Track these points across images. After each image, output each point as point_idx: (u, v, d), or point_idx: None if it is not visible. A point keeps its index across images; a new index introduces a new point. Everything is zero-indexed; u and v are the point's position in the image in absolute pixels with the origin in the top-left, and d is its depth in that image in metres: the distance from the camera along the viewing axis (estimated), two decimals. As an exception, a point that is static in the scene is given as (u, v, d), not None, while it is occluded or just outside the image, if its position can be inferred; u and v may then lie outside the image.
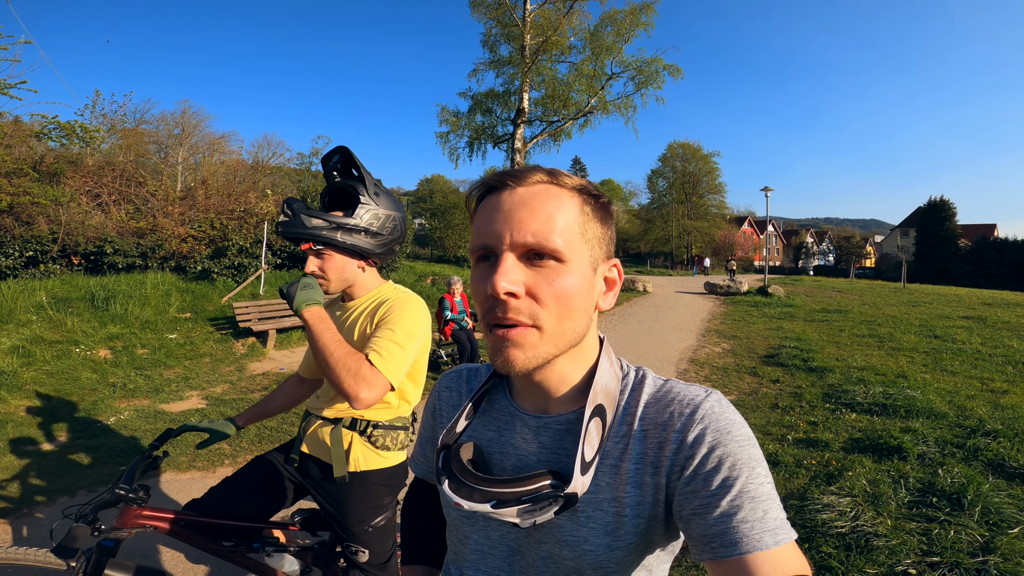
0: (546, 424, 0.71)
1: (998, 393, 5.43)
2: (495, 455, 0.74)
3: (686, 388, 0.68)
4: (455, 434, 0.75)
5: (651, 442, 0.65)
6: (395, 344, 1.44)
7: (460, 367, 0.90)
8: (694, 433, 0.62)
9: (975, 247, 45.05)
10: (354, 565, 1.71)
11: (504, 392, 0.78)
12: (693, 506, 0.60)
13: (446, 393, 0.88)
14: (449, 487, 0.66)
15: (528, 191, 0.63)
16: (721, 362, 7.40)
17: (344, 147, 1.52)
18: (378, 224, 1.55)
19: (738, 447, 0.60)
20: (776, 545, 0.55)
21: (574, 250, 0.63)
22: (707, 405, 0.64)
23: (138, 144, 15.81)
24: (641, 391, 0.70)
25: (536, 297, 0.61)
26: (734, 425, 0.62)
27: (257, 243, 10.23)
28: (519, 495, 0.63)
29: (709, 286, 18.44)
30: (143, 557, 2.58)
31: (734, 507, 0.57)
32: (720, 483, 0.58)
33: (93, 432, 4.36)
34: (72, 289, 8.00)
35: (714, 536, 0.57)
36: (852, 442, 4.05)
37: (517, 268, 0.61)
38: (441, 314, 7.00)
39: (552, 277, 0.61)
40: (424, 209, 29.50)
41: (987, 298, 17.04)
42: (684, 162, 50.14)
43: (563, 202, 0.63)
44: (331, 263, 1.54)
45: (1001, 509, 2.87)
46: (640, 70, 18.64)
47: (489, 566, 0.75)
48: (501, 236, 0.62)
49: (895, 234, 59.59)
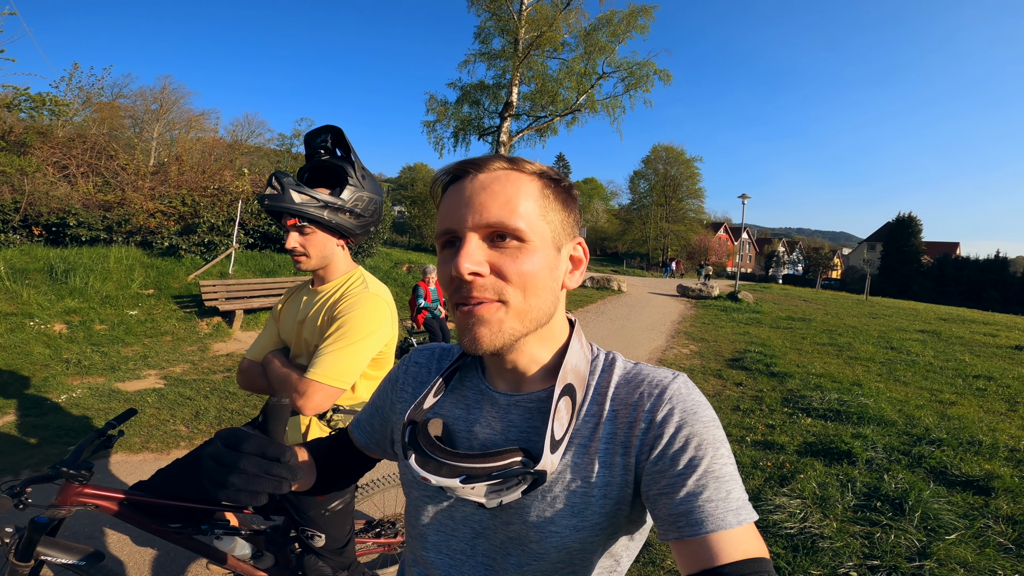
0: (516, 402, 0.71)
1: (946, 404, 5.66)
2: (462, 433, 0.74)
3: (655, 370, 0.70)
4: (423, 410, 0.74)
5: (621, 422, 0.66)
6: (339, 351, 1.45)
7: (433, 344, 0.89)
8: (662, 412, 0.63)
9: (937, 264, 46.65)
10: (309, 550, 1.70)
11: (476, 372, 0.78)
12: (660, 486, 0.60)
13: (415, 368, 0.87)
14: (416, 461, 0.66)
15: (488, 176, 0.64)
16: (688, 363, 7.53)
17: (335, 126, 1.51)
18: (362, 206, 1.56)
19: (704, 427, 0.62)
20: (739, 524, 0.57)
21: (535, 231, 0.64)
22: (675, 386, 0.66)
23: (113, 118, 15.34)
24: (612, 372, 0.71)
25: (501, 274, 0.62)
26: (700, 406, 0.64)
27: (229, 222, 9.99)
28: (489, 470, 0.63)
29: (681, 289, 18.74)
30: (87, 539, 2.51)
31: (699, 486, 0.58)
32: (687, 463, 0.59)
33: (42, 410, 4.21)
34: (31, 260, 7.69)
35: (679, 515, 0.58)
36: (806, 446, 4.17)
37: (480, 249, 0.62)
38: (414, 301, 6.96)
39: (516, 255, 0.62)
40: (405, 197, 29.19)
41: (944, 313, 17.73)
42: (667, 165, 50.69)
43: (523, 186, 0.64)
44: (313, 240, 1.53)
45: (940, 515, 2.99)
46: (631, 72, 18.72)
47: (452, 548, 0.74)
48: (464, 219, 0.63)
49: (862, 247, 61.31)
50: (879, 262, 48.49)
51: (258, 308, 7.95)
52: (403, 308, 9.15)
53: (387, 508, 2.48)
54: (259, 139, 25.13)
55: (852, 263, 61.41)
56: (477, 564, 0.72)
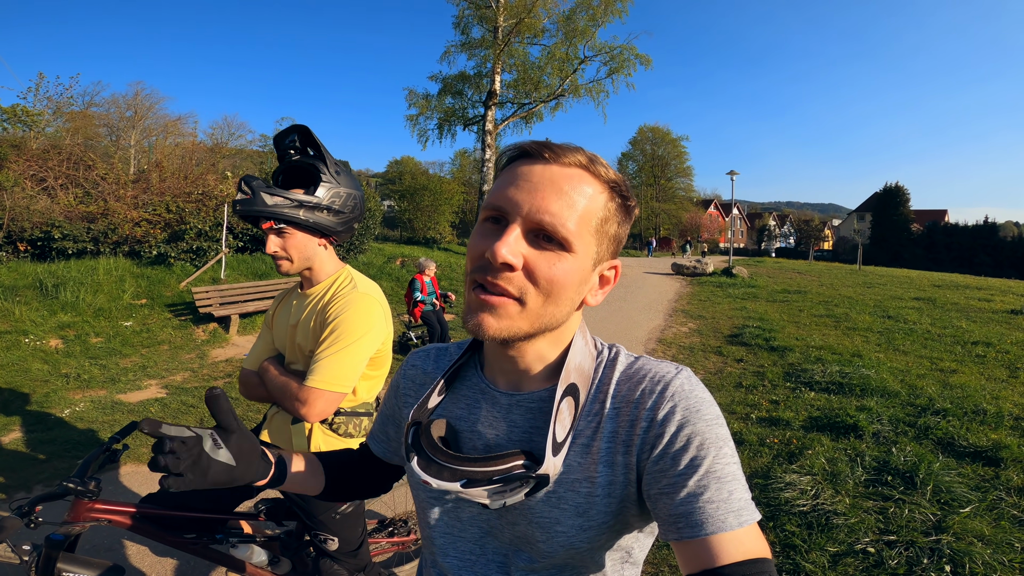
0: (518, 402, 0.70)
1: (947, 372, 5.70)
2: (465, 433, 0.73)
3: (657, 364, 0.68)
4: (427, 410, 0.72)
5: (623, 420, 0.64)
6: (336, 355, 1.44)
7: (428, 346, 0.88)
8: (664, 411, 0.62)
9: (927, 231, 46.96)
10: (324, 553, 1.69)
11: (476, 369, 0.77)
12: (660, 485, 0.59)
13: (412, 371, 0.85)
14: (418, 464, 0.64)
15: (562, 171, 0.61)
16: (688, 341, 7.55)
17: (302, 125, 1.48)
18: (340, 202, 1.52)
19: (706, 426, 0.60)
20: (740, 526, 0.56)
21: (583, 243, 0.61)
22: (677, 382, 0.64)
23: (87, 127, 15.23)
24: (614, 369, 0.69)
25: (532, 275, 0.60)
26: (703, 403, 0.62)
27: (217, 226, 9.86)
28: (490, 475, 0.61)
29: (676, 267, 18.75)
30: (107, 551, 2.49)
31: (700, 487, 0.57)
32: (688, 463, 0.58)
33: (47, 425, 4.17)
34: (19, 276, 7.58)
35: (680, 516, 0.57)
36: (811, 420, 4.19)
37: (521, 242, 0.60)
38: (411, 294, 6.90)
39: (554, 261, 0.60)
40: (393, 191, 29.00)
41: (937, 280, 17.86)
42: (654, 145, 50.65)
43: (592, 195, 0.62)
44: (293, 242, 1.49)
45: (952, 488, 3.00)
46: (613, 56, 18.72)
47: (459, 549, 0.73)
48: (519, 206, 0.60)
49: (852, 218, 61.64)
50: (869, 232, 48.73)
51: (253, 312, 7.89)
52: (399, 302, 9.09)
53: (398, 506, 2.47)
54: (240, 141, 24.86)
55: (843, 234, 61.74)
56: (488, 562, 0.72)
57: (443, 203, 20.22)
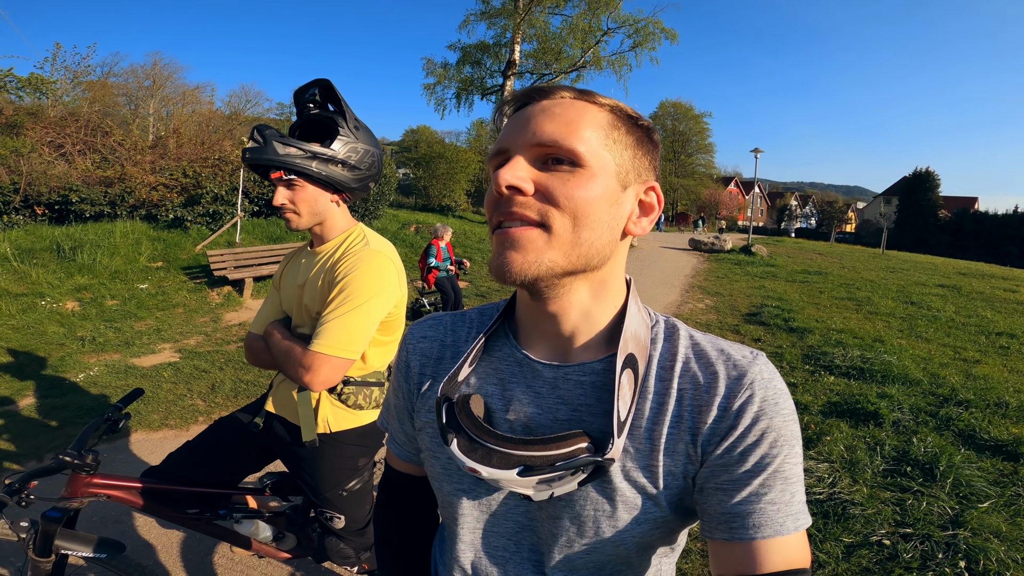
0: (566, 375, 0.60)
1: (970, 363, 5.53)
2: (498, 412, 0.62)
3: (730, 346, 0.60)
4: (457, 384, 0.62)
5: (688, 405, 0.57)
6: (344, 317, 1.35)
7: (440, 314, 0.76)
8: (740, 400, 0.55)
9: (954, 218, 45.59)
10: (330, 531, 1.65)
11: (507, 337, 0.66)
12: (719, 480, 0.55)
13: (424, 344, 0.72)
14: (459, 447, 0.55)
15: (552, 101, 0.57)
16: (704, 318, 7.43)
17: (324, 79, 1.40)
18: (356, 158, 1.43)
19: (783, 422, 0.55)
20: (796, 530, 0.52)
21: (595, 156, 0.55)
22: (756, 369, 0.57)
23: (105, 96, 15.45)
24: (676, 343, 0.61)
25: (549, 196, 0.54)
26: (782, 396, 0.56)
27: (233, 191, 9.86)
28: (552, 459, 0.52)
29: (694, 243, 18.46)
30: (114, 524, 2.49)
31: (765, 487, 0.53)
32: (757, 460, 0.53)
33: (61, 390, 4.20)
34: (37, 240, 7.65)
35: (735, 516, 0.53)
36: (830, 405, 4.09)
37: (527, 167, 0.55)
38: (425, 260, 6.82)
39: (568, 178, 0.54)
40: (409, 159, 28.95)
41: (962, 268, 17.35)
42: (675, 121, 49.80)
43: (588, 112, 0.57)
44: (302, 195, 1.40)
45: (972, 482, 2.90)
46: (638, 29, 18.10)
47: (491, 546, 0.64)
48: (516, 138, 0.56)
49: (878, 201, 60.00)
50: (895, 216, 47.45)
51: (267, 275, 7.91)
52: (412, 268, 9.04)
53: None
54: (257, 109, 24.96)
55: (867, 217, 60.27)
56: (523, 561, 0.64)
57: (459, 171, 20.02)
